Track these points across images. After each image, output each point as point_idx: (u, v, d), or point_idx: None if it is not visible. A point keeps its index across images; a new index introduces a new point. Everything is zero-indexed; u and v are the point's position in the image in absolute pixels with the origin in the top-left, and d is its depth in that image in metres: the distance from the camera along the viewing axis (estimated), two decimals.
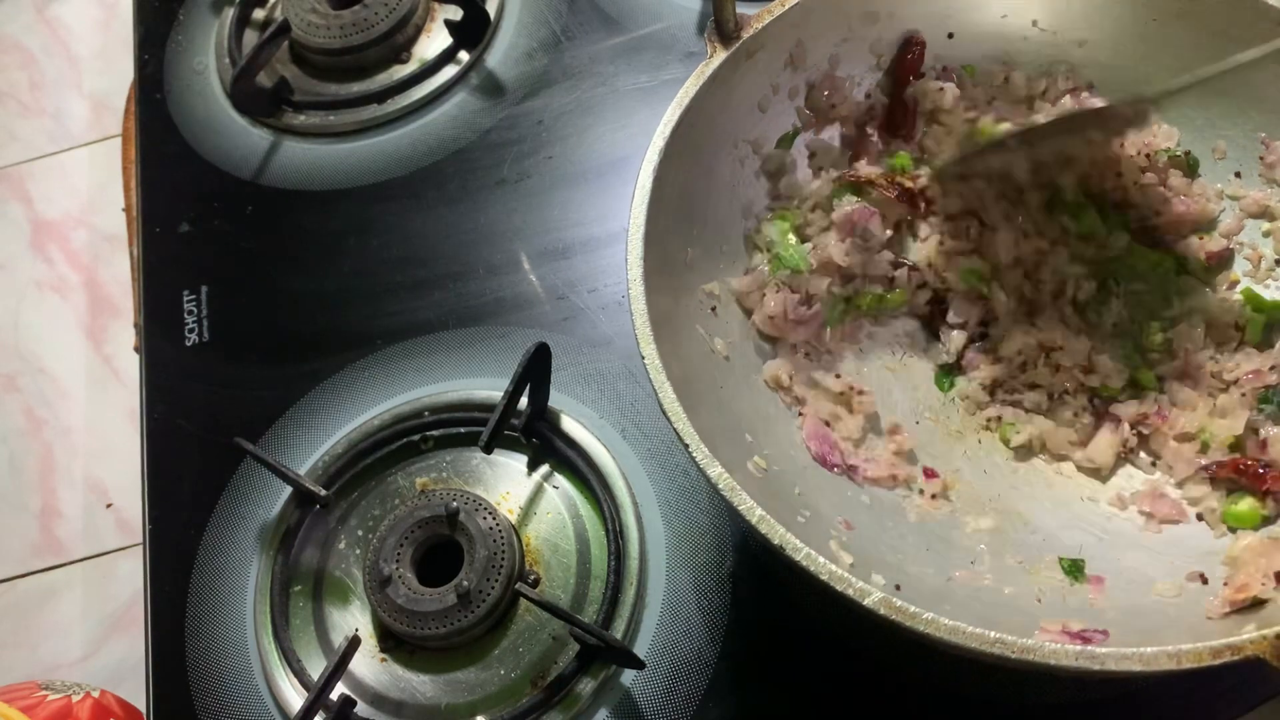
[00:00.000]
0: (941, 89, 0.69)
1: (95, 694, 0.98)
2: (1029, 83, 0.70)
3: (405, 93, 0.91)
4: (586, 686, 0.66)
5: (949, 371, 0.68)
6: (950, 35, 0.70)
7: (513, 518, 0.72)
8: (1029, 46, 0.69)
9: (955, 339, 0.67)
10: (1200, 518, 0.60)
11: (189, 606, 0.74)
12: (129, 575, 1.42)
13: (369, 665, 0.69)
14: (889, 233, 0.68)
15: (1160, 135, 0.68)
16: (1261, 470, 0.59)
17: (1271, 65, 0.62)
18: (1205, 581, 0.56)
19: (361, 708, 0.68)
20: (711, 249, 0.66)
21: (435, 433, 0.76)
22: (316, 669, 0.69)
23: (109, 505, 1.47)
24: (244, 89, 0.91)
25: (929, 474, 0.63)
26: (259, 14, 0.99)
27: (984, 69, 0.71)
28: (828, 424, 0.64)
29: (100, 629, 1.40)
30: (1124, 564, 0.59)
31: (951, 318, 0.68)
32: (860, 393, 0.65)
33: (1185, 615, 0.54)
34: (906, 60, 0.70)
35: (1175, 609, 0.55)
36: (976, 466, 0.65)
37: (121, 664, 1.36)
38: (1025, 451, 0.65)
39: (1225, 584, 0.54)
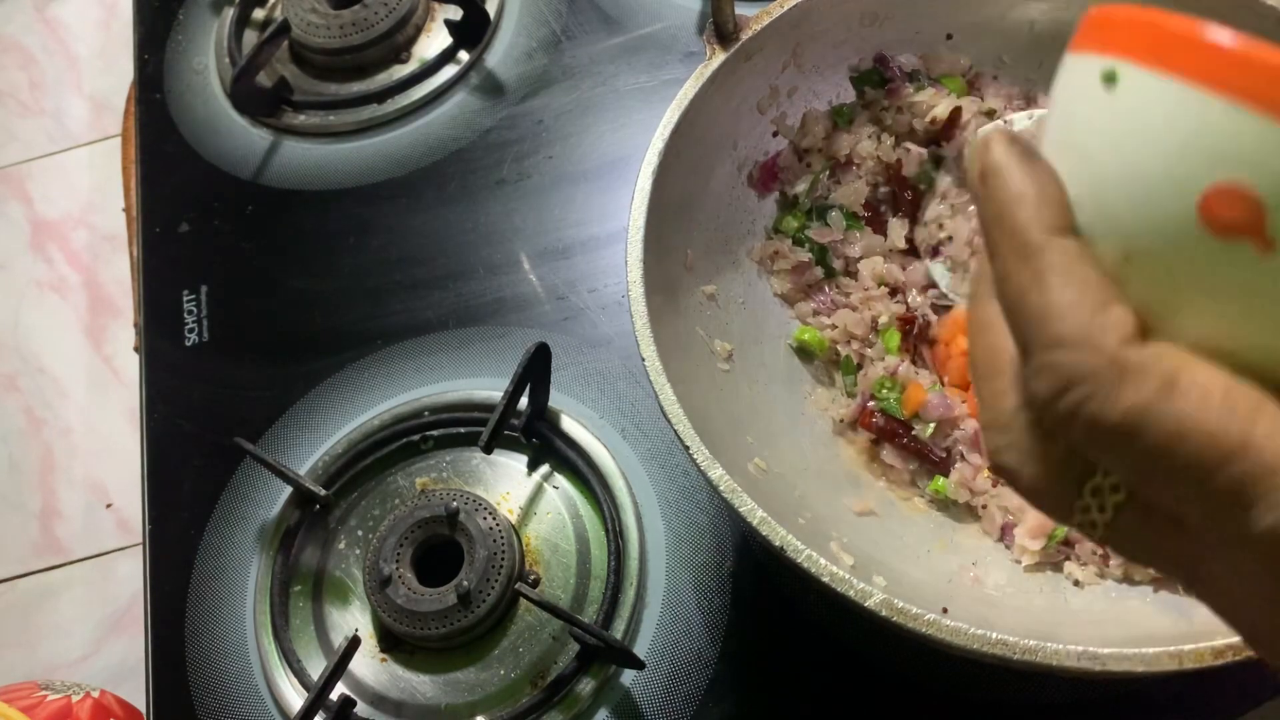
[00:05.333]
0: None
1: (95, 694, 0.98)
2: (1025, 82, 0.70)
3: (405, 93, 0.91)
4: (586, 686, 0.66)
5: None
6: (949, 36, 0.70)
7: (513, 518, 0.72)
8: (1026, 48, 0.69)
9: None
10: None
11: (189, 606, 0.74)
12: (129, 575, 1.42)
13: (369, 665, 0.69)
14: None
15: None
16: None
17: None
18: None
19: (361, 708, 0.68)
20: (712, 251, 0.66)
21: (435, 433, 0.76)
22: (316, 669, 0.69)
23: (109, 505, 1.47)
24: (244, 89, 0.91)
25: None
26: (259, 14, 0.99)
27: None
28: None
29: (100, 629, 1.40)
30: None
31: None
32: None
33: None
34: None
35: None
36: None
37: (121, 664, 1.36)
38: None
39: None
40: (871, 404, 0.64)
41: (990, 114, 0.69)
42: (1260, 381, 0.26)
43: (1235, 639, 0.45)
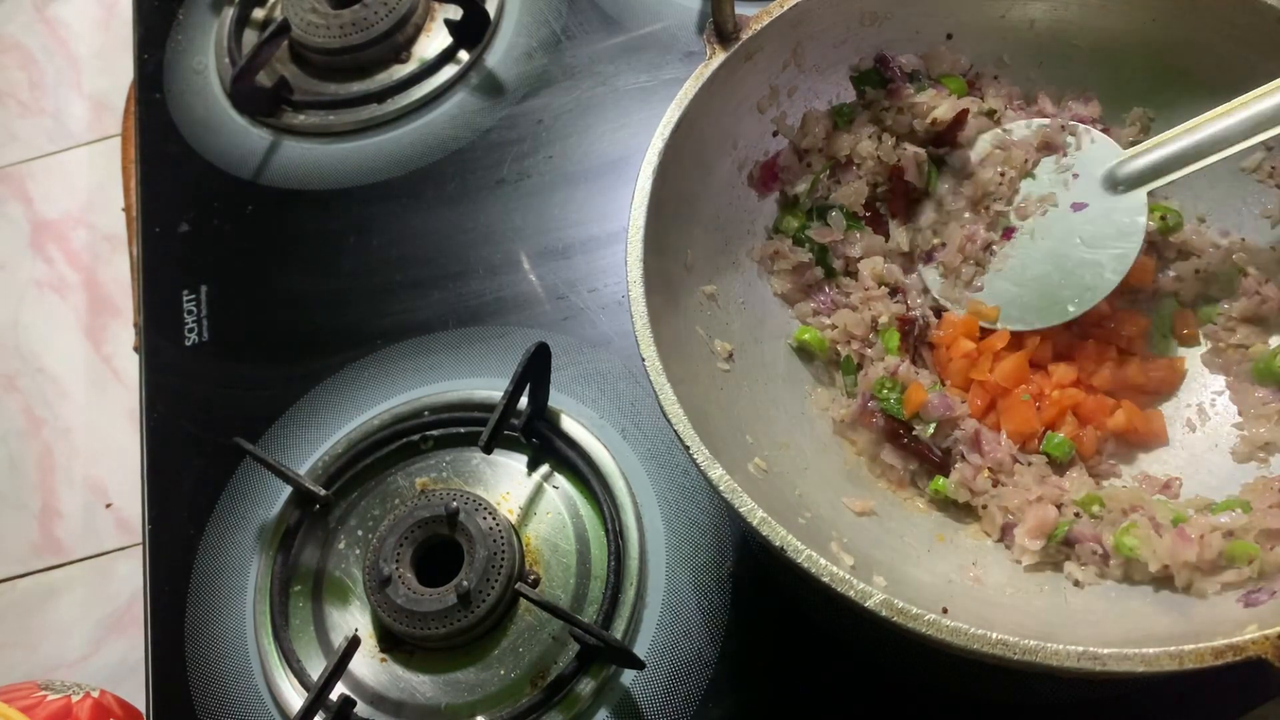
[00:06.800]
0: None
1: (95, 694, 0.98)
2: (1025, 82, 0.70)
3: (405, 92, 0.91)
4: (586, 686, 0.66)
5: None
6: (949, 36, 0.70)
7: (513, 518, 0.72)
8: (1026, 48, 0.69)
9: None
10: None
11: (189, 606, 0.74)
12: (129, 575, 1.42)
13: (369, 665, 0.69)
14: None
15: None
16: None
17: (1275, 65, 0.62)
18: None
19: (361, 708, 0.68)
20: (711, 250, 0.66)
21: (435, 433, 0.76)
22: (316, 669, 0.69)
23: (109, 505, 1.47)
24: (244, 89, 0.91)
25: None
26: (259, 14, 0.99)
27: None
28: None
29: (100, 629, 1.40)
30: None
31: None
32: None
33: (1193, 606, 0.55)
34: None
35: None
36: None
37: (121, 664, 1.36)
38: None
39: None
40: (872, 404, 0.64)
41: (991, 114, 0.69)
42: None
43: (1236, 639, 0.45)
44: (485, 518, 0.69)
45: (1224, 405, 0.64)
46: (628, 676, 0.66)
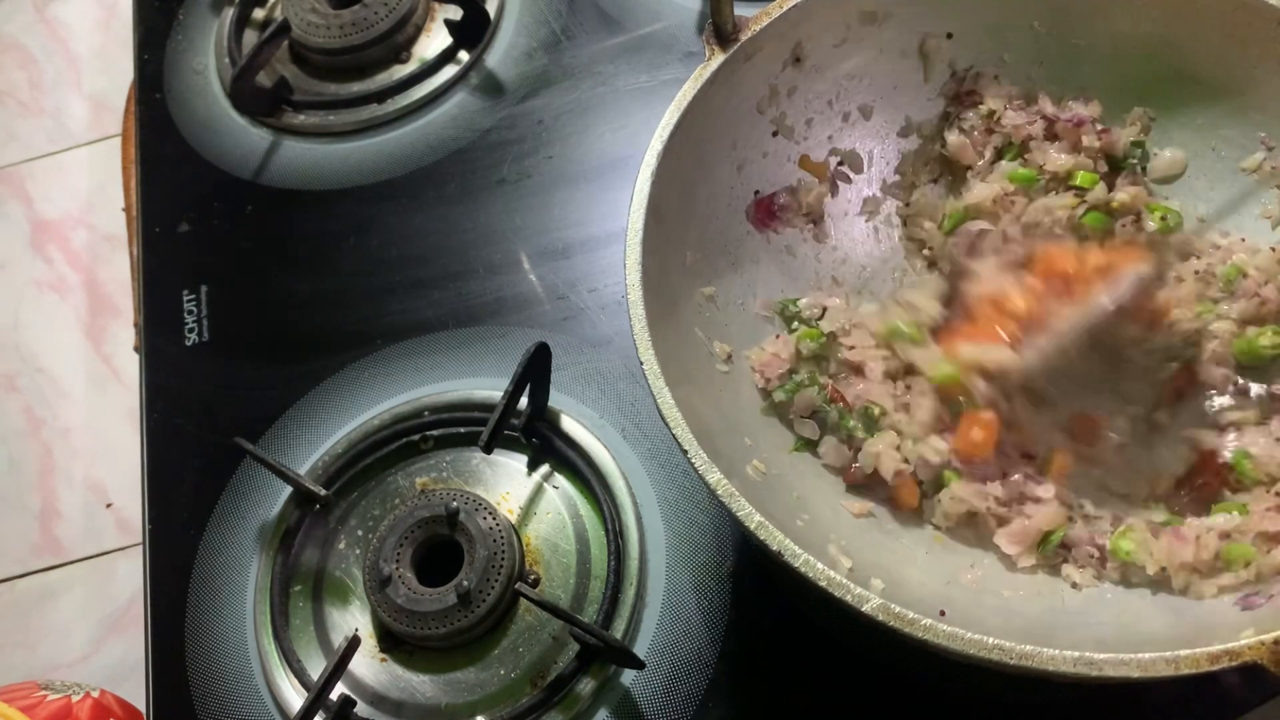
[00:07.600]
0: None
1: (95, 694, 0.98)
2: (1025, 81, 0.70)
3: (405, 92, 0.91)
4: (586, 686, 0.66)
5: None
6: (949, 35, 0.70)
7: (513, 518, 0.72)
8: (1026, 48, 0.69)
9: None
10: None
11: (189, 606, 0.74)
12: (129, 575, 1.42)
13: (369, 665, 0.69)
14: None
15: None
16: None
17: (1275, 64, 0.62)
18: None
19: (361, 708, 0.68)
20: (711, 252, 0.66)
21: (435, 433, 0.76)
22: (316, 669, 0.69)
23: (109, 505, 1.47)
24: (244, 89, 0.91)
25: None
26: (259, 14, 0.99)
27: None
28: None
29: (100, 629, 1.40)
30: None
31: None
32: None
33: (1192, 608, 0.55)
34: None
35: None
36: None
37: (121, 664, 1.36)
38: None
39: None
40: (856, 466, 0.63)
41: (990, 115, 0.69)
42: None
43: (1232, 644, 0.45)
44: (485, 518, 0.69)
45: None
46: (628, 676, 0.66)
